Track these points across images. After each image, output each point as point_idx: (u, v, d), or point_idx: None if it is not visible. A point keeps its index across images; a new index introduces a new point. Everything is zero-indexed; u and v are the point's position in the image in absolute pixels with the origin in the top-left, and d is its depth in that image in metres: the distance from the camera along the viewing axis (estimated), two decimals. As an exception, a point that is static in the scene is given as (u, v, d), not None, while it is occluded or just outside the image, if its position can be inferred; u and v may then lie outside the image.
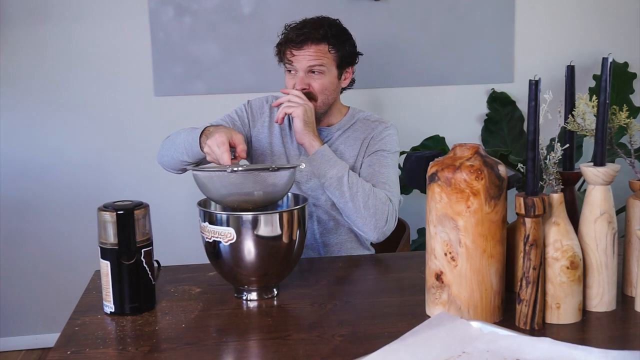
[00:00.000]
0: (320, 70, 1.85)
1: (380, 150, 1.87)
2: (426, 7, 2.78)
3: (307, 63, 1.84)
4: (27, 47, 2.66)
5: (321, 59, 1.85)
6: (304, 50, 1.84)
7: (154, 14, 2.68)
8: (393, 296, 1.44)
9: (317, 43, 1.84)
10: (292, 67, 1.87)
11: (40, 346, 2.84)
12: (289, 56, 1.86)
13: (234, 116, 1.95)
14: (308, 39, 1.84)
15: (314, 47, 1.84)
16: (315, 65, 1.85)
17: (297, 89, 1.84)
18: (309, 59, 1.84)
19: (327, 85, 1.87)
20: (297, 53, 1.84)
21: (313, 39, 1.84)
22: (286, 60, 1.88)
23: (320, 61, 1.85)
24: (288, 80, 1.89)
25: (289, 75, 1.89)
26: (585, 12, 2.89)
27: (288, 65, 1.88)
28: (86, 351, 1.19)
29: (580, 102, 1.35)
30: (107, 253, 1.32)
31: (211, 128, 1.67)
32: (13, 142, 2.72)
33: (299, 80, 1.85)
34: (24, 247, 2.79)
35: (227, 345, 1.21)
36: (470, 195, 1.20)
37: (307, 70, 1.85)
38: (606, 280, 1.28)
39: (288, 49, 1.86)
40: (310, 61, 1.84)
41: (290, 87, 1.87)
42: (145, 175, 2.74)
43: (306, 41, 1.84)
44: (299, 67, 1.85)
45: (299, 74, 1.86)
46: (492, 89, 2.88)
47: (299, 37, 1.84)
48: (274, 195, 1.44)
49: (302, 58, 1.84)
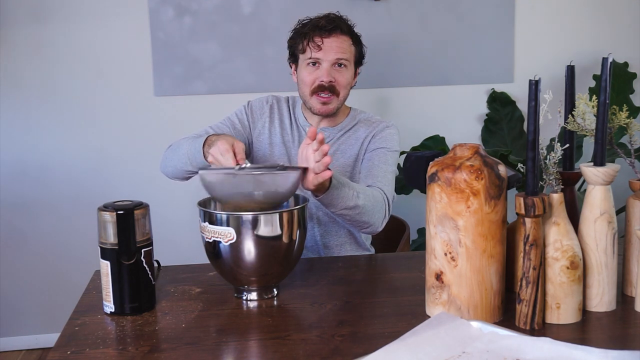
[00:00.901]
0: (345, 64, 1.83)
1: (381, 147, 1.87)
2: (426, 7, 2.78)
3: (335, 55, 1.81)
4: (27, 47, 2.66)
5: (346, 53, 1.83)
6: (333, 38, 1.81)
7: (154, 14, 2.68)
8: (393, 296, 1.44)
9: (344, 34, 1.83)
10: (318, 58, 1.82)
11: (40, 346, 2.84)
12: (317, 42, 1.81)
13: (234, 119, 1.93)
14: (337, 28, 1.82)
15: (342, 37, 1.82)
16: (343, 58, 1.82)
17: (324, 82, 1.81)
18: (338, 50, 1.81)
19: (349, 81, 1.86)
20: (326, 41, 1.81)
21: (342, 29, 1.82)
22: (313, 48, 1.82)
23: (346, 55, 1.83)
24: (308, 75, 1.84)
25: (310, 69, 1.84)
26: (585, 12, 2.89)
27: (315, 54, 1.82)
28: (86, 351, 1.19)
29: (580, 102, 1.35)
30: (107, 253, 1.32)
31: (213, 137, 1.64)
32: (13, 142, 2.72)
33: (325, 72, 1.81)
34: (24, 247, 2.79)
35: (227, 345, 1.21)
36: (470, 195, 1.20)
37: (333, 62, 1.82)
38: (606, 280, 1.28)
39: (317, 35, 1.81)
40: (339, 53, 1.82)
41: (310, 82, 1.83)
42: (145, 175, 2.74)
43: (336, 30, 1.81)
44: (326, 58, 1.81)
45: (324, 65, 1.82)
46: (492, 89, 2.88)
47: (329, 23, 1.81)
48: (280, 196, 1.43)
49: (330, 49, 1.81)
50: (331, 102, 1.85)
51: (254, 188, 1.40)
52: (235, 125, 1.92)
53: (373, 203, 1.69)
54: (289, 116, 1.96)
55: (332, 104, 1.85)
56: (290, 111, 1.97)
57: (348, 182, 1.62)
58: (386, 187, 1.78)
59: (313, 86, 1.84)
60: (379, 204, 1.71)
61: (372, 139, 1.89)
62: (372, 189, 1.74)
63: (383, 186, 1.78)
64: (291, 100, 1.99)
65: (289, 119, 1.95)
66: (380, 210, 1.71)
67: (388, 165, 1.85)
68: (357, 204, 1.62)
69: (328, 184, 1.54)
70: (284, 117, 1.95)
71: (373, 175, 1.81)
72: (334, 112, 1.88)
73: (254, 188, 1.40)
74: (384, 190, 1.77)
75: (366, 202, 1.65)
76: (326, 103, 1.85)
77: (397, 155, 1.91)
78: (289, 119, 1.95)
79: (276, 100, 1.98)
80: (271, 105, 1.96)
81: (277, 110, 1.96)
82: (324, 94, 1.84)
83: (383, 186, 1.78)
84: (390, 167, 1.86)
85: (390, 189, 1.80)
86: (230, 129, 1.89)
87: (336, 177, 1.57)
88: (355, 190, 1.63)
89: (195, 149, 1.66)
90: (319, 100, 1.85)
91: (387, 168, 1.84)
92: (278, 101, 1.98)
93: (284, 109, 1.97)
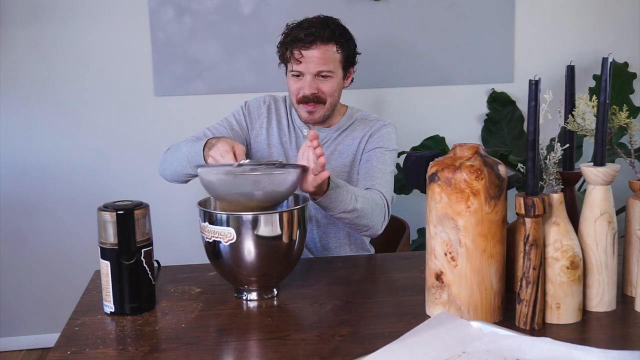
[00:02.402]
0: (329, 75, 1.82)
1: (379, 147, 1.86)
2: (426, 7, 2.78)
3: (316, 67, 1.80)
4: (27, 47, 2.66)
5: (329, 64, 1.81)
6: (313, 51, 1.79)
7: (154, 14, 2.68)
8: (393, 296, 1.44)
9: (325, 43, 1.80)
10: (299, 71, 1.81)
11: (40, 346, 2.84)
12: (297, 56, 1.80)
13: (232, 120, 1.93)
14: (317, 38, 1.79)
15: (323, 47, 1.79)
16: (324, 70, 1.81)
17: (307, 94, 1.81)
18: (318, 62, 1.80)
19: (335, 88, 1.85)
20: (305, 54, 1.79)
21: (322, 38, 1.79)
22: (293, 61, 1.82)
23: (329, 65, 1.81)
24: (292, 85, 1.85)
25: (294, 79, 1.84)
26: (585, 12, 2.89)
27: (296, 67, 1.81)
28: (86, 351, 1.19)
29: (580, 102, 1.35)
30: (107, 253, 1.32)
31: (213, 140, 1.64)
32: (13, 142, 2.72)
33: (308, 85, 1.81)
34: (24, 247, 2.79)
35: (227, 345, 1.21)
36: (470, 195, 1.20)
37: (315, 74, 1.81)
38: (606, 280, 1.28)
39: (296, 48, 1.80)
40: (320, 66, 1.80)
41: (295, 92, 1.84)
42: (145, 175, 2.74)
43: (315, 41, 1.79)
44: (308, 71, 1.80)
45: (307, 77, 1.81)
46: (492, 89, 2.88)
47: (308, 36, 1.79)
48: (279, 195, 1.43)
49: (310, 61, 1.79)
50: (316, 111, 1.85)
51: (253, 187, 1.40)
52: (232, 126, 1.91)
53: (372, 206, 1.68)
54: (287, 117, 1.95)
55: (317, 113, 1.86)
56: (288, 112, 1.96)
57: (346, 186, 1.62)
58: (385, 189, 1.78)
59: (297, 97, 1.85)
60: (378, 207, 1.71)
61: (370, 139, 1.88)
62: (371, 192, 1.73)
63: (382, 188, 1.77)
64: (289, 100, 1.98)
65: (286, 119, 1.95)
66: (379, 213, 1.71)
67: (386, 166, 1.84)
68: (355, 207, 1.62)
69: (326, 187, 1.54)
70: (281, 117, 1.95)
71: (371, 176, 1.80)
72: (322, 120, 1.88)
73: (253, 187, 1.40)
74: (383, 192, 1.76)
75: (365, 205, 1.65)
76: (311, 112, 1.85)
77: (395, 155, 1.90)
78: (286, 120, 1.95)
79: (273, 100, 1.97)
80: (268, 106, 1.96)
81: (274, 111, 1.95)
82: (309, 105, 1.84)
83: (382, 188, 1.77)
84: (389, 167, 1.85)
85: (389, 190, 1.80)
86: (227, 131, 1.88)
87: (334, 180, 1.57)
88: (353, 193, 1.62)
89: (195, 152, 1.66)
90: (305, 109, 1.85)
91: (385, 168, 1.83)
92: (275, 101, 1.97)
93: (282, 109, 1.96)
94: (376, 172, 1.81)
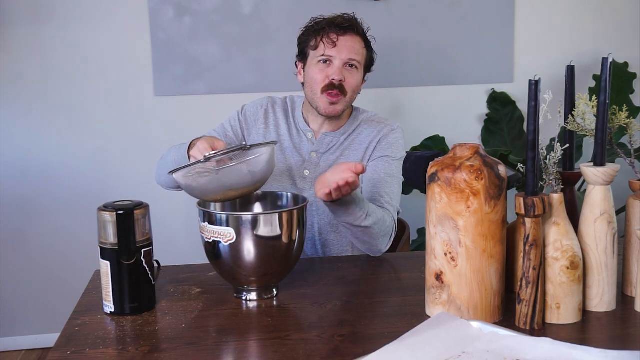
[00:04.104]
0: (356, 66, 1.80)
1: (386, 156, 1.82)
2: (426, 7, 2.78)
3: (348, 54, 1.78)
4: (27, 47, 2.66)
5: (359, 55, 1.80)
6: (348, 37, 1.78)
7: (154, 14, 2.68)
8: (393, 296, 1.44)
9: (358, 35, 1.81)
10: (331, 55, 1.78)
11: (40, 346, 2.84)
12: (332, 39, 1.77)
13: (227, 126, 1.90)
14: (352, 27, 1.79)
15: (356, 38, 1.80)
16: (355, 59, 1.79)
17: (335, 80, 1.77)
18: (351, 50, 1.78)
19: (358, 84, 1.83)
20: (341, 39, 1.78)
21: (356, 29, 1.80)
22: (327, 45, 1.78)
23: (358, 56, 1.80)
24: (318, 73, 1.79)
25: (321, 66, 1.80)
26: (586, 12, 2.89)
27: (328, 51, 1.78)
28: (86, 351, 1.19)
29: (580, 102, 1.35)
30: (107, 253, 1.32)
31: (195, 140, 1.63)
32: (13, 141, 2.72)
33: (337, 70, 1.77)
34: (24, 247, 2.79)
35: (227, 345, 1.21)
36: (470, 195, 1.20)
37: (345, 62, 1.79)
38: (606, 280, 1.28)
39: (332, 32, 1.78)
40: (352, 53, 1.78)
41: (322, 79, 1.79)
42: (146, 175, 2.73)
43: (351, 29, 1.79)
44: (339, 57, 1.78)
45: (336, 63, 1.78)
46: (492, 89, 2.88)
47: (345, 22, 1.79)
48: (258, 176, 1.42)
49: (344, 47, 1.78)
50: (339, 102, 1.80)
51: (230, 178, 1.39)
52: (227, 132, 1.89)
53: (380, 227, 1.66)
54: (286, 120, 1.91)
55: (339, 104, 1.80)
56: (289, 114, 1.92)
57: (362, 202, 1.60)
58: (393, 207, 1.76)
59: (324, 84, 1.79)
60: (386, 229, 1.69)
61: (378, 145, 1.84)
62: (384, 212, 1.70)
63: (390, 206, 1.75)
64: (290, 102, 1.94)
65: (285, 122, 1.90)
66: (385, 235, 1.69)
67: (394, 178, 1.81)
68: (363, 224, 1.62)
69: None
70: (279, 120, 1.90)
71: (379, 192, 1.77)
72: (339, 115, 1.83)
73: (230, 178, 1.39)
74: (392, 210, 1.75)
75: (374, 225, 1.64)
76: (334, 103, 1.79)
77: (402, 162, 1.88)
78: (285, 123, 1.90)
79: (271, 104, 1.93)
80: (266, 110, 1.91)
81: (272, 115, 1.91)
82: (334, 93, 1.78)
83: (390, 206, 1.75)
84: (396, 179, 1.82)
85: (396, 204, 1.79)
86: (222, 137, 1.86)
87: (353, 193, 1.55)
88: (365, 210, 1.61)
89: (181, 155, 1.64)
90: (327, 99, 1.79)
91: (392, 181, 1.80)
92: (273, 104, 1.93)
93: (279, 112, 1.91)
94: (384, 186, 1.78)
